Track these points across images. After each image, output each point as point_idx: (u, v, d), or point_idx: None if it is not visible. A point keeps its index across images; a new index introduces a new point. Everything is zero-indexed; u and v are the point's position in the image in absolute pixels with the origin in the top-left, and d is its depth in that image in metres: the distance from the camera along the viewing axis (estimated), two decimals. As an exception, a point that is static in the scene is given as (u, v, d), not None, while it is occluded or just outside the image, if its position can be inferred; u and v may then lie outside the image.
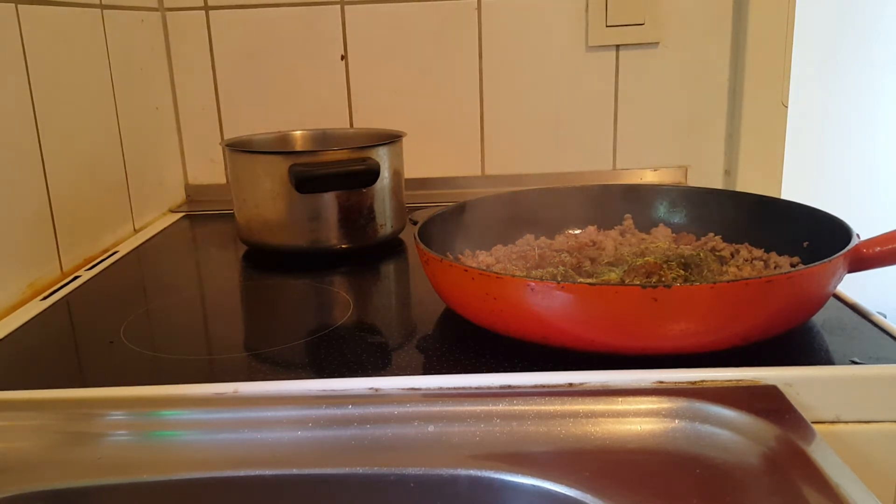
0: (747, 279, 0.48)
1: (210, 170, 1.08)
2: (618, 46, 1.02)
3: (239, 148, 0.81)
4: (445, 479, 0.40)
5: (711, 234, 0.69)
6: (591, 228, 0.73)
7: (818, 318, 0.56)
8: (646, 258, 0.63)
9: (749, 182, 1.04)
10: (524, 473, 0.39)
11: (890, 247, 0.54)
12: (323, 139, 0.92)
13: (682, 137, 1.05)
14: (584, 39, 1.02)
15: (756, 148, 1.03)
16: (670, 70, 1.03)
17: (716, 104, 1.04)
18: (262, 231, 0.78)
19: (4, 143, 0.66)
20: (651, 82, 1.03)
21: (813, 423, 0.42)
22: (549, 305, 0.49)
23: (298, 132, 0.93)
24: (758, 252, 0.65)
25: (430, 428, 0.44)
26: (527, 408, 0.45)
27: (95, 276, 0.75)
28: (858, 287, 0.62)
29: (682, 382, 0.47)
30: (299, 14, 1.01)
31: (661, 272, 0.59)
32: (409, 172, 0.86)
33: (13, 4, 0.68)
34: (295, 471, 0.41)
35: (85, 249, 0.80)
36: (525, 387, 0.48)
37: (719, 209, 0.70)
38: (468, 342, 0.55)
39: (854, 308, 0.59)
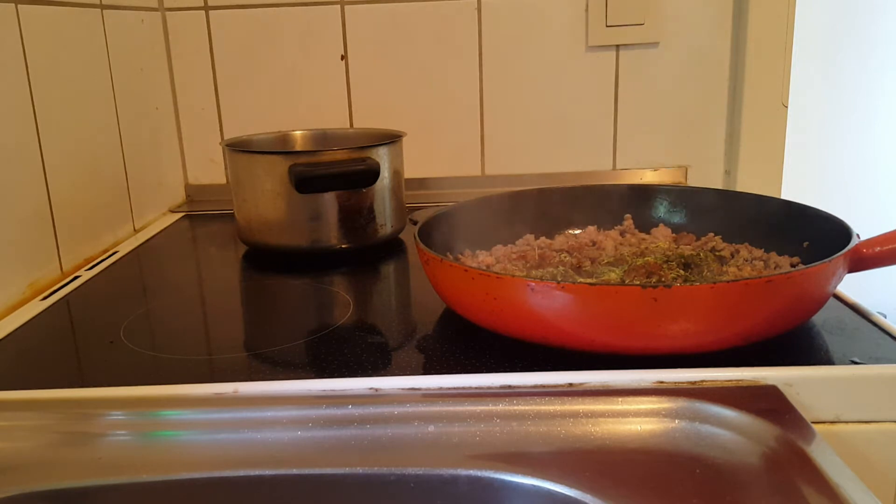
0: (747, 279, 0.48)
1: (210, 170, 1.08)
2: (618, 46, 1.02)
3: (239, 148, 0.81)
4: (445, 479, 0.40)
5: (711, 234, 0.69)
6: (591, 228, 0.73)
7: (818, 318, 0.56)
8: (646, 258, 0.63)
9: (749, 182, 1.04)
10: (524, 473, 0.39)
11: (890, 247, 0.54)
12: (323, 139, 0.92)
13: (682, 137, 1.05)
14: (584, 39, 1.02)
15: (756, 148, 1.03)
16: (670, 70, 1.03)
17: (716, 104, 1.04)
18: (262, 231, 0.78)
19: (4, 143, 0.66)
20: (651, 82, 1.03)
21: (813, 423, 0.42)
22: (549, 305, 0.49)
23: (298, 132, 0.93)
24: (758, 252, 0.65)
25: (430, 428, 0.44)
26: (527, 408, 0.45)
27: (95, 276, 0.75)
28: (858, 287, 0.62)
29: (682, 382, 0.47)
30: (299, 14, 1.01)
31: (661, 272, 0.59)
32: (409, 172, 0.86)
33: (13, 4, 0.68)
34: (295, 471, 0.41)
35: (85, 249, 0.80)
36: (525, 387, 0.48)
37: (719, 209, 0.70)
38: (468, 342, 0.55)
39: (854, 308, 0.58)
